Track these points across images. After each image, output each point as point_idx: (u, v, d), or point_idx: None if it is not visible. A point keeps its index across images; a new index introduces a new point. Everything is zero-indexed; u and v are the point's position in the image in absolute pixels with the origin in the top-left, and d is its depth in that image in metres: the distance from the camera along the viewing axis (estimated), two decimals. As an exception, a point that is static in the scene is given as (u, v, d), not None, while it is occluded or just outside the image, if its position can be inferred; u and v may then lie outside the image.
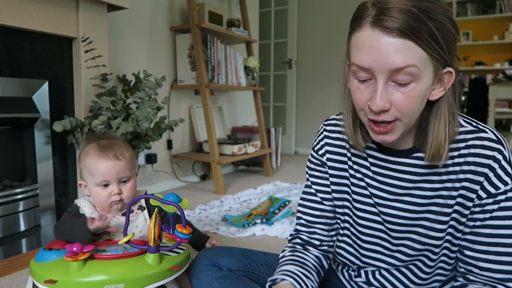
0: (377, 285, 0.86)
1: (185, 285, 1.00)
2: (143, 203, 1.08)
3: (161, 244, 0.90)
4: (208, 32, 2.85)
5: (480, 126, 0.73)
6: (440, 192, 0.74)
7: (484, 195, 0.70)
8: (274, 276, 0.83)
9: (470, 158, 0.71)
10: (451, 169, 0.73)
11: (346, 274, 0.93)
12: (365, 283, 0.88)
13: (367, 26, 0.64)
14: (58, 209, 1.95)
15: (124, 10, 2.29)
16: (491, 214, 0.70)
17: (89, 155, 1.02)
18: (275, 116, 5.00)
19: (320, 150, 0.89)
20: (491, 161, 0.69)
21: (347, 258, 0.90)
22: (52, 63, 1.88)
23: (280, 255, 0.93)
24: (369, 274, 0.87)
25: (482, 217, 0.71)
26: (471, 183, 0.71)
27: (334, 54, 4.49)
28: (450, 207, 0.74)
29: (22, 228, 1.79)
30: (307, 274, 0.84)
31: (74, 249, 0.86)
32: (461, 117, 0.75)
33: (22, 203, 1.79)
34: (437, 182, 0.75)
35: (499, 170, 0.69)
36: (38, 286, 0.88)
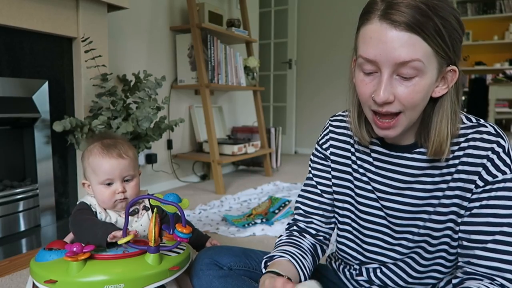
0: (378, 282, 0.86)
1: (185, 285, 1.00)
2: (147, 203, 1.08)
3: (161, 244, 0.90)
4: (208, 32, 2.85)
5: (481, 122, 0.74)
6: (440, 185, 0.76)
7: (481, 184, 0.71)
8: (271, 254, 0.85)
9: (469, 150, 0.72)
10: (451, 163, 0.74)
11: (347, 273, 0.93)
12: (366, 281, 0.88)
13: (376, 19, 0.66)
14: (58, 209, 1.95)
15: (124, 10, 2.29)
16: (487, 201, 0.70)
17: (93, 153, 1.03)
18: (275, 116, 5.00)
19: (324, 144, 0.91)
20: (489, 152, 0.70)
21: (350, 254, 0.90)
22: (52, 63, 1.88)
23: (276, 240, 0.94)
24: (370, 272, 0.87)
25: (478, 204, 0.71)
26: (469, 174, 0.72)
27: (334, 54, 4.50)
28: (450, 198, 0.75)
29: (22, 228, 1.79)
30: (304, 255, 0.86)
31: (74, 249, 0.85)
32: (462, 114, 0.76)
33: (22, 203, 1.79)
34: (437, 175, 0.76)
35: (497, 161, 0.70)
36: (38, 286, 0.88)
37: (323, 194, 0.91)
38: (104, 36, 2.02)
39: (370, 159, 0.84)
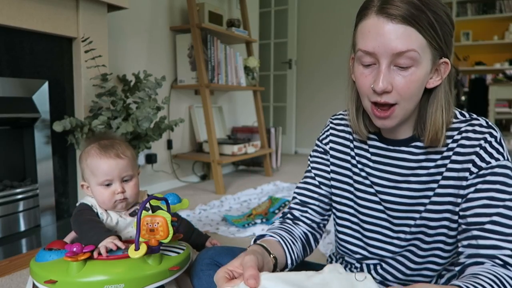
0: (379, 279, 0.87)
1: (185, 285, 1.00)
2: (147, 204, 1.08)
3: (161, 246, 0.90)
4: (208, 32, 2.85)
5: (473, 116, 0.78)
6: (435, 177, 0.78)
7: (475, 170, 0.74)
8: (262, 233, 0.86)
9: (462, 141, 0.76)
10: (445, 155, 0.77)
11: (348, 272, 0.93)
12: None
13: (373, 14, 0.70)
14: (58, 209, 1.96)
15: (124, 10, 2.29)
16: (482, 185, 0.73)
17: (90, 155, 1.02)
18: (275, 116, 5.00)
19: (325, 140, 0.94)
20: (482, 142, 0.74)
21: (352, 250, 0.91)
22: (52, 63, 1.88)
23: (269, 226, 0.96)
24: (371, 269, 0.88)
25: (473, 189, 0.73)
26: (463, 163, 0.75)
27: (334, 54, 4.50)
28: (445, 188, 0.77)
29: (22, 228, 1.79)
30: (294, 241, 0.87)
31: (74, 249, 0.85)
32: (457, 111, 0.80)
33: (22, 203, 1.79)
34: (432, 167, 0.79)
35: (490, 149, 0.73)
36: (38, 286, 0.88)
37: (321, 185, 0.93)
38: (104, 36, 2.02)
39: (368, 155, 0.86)
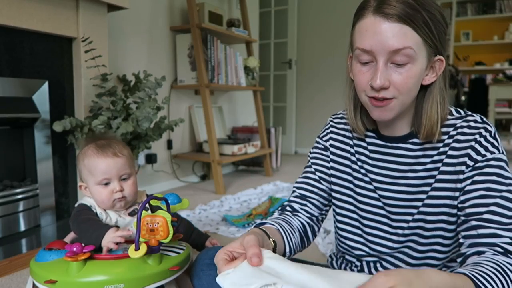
0: None
1: (185, 285, 1.00)
2: (147, 204, 1.08)
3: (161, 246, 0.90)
4: (208, 32, 2.85)
5: (468, 113, 0.81)
6: (432, 173, 0.80)
7: (471, 163, 0.76)
8: (261, 222, 0.87)
9: (458, 136, 0.78)
10: (441, 150, 0.80)
11: (349, 271, 0.93)
12: None
13: (370, 14, 0.73)
14: (58, 209, 1.96)
15: (124, 10, 2.29)
16: (478, 177, 0.74)
17: (87, 155, 1.03)
18: (275, 116, 5.00)
19: (325, 137, 0.96)
20: (476, 136, 0.76)
21: (353, 246, 0.91)
22: (52, 63, 1.88)
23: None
24: (372, 268, 0.88)
25: (470, 181, 0.75)
26: (459, 158, 0.77)
27: (334, 54, 4.50)
28: (442, 182, 0.79)
29: (22, 228, 1.79)
30: (292, 231, 0.88)
31: (74, 249, 0.85)
32: (453, 108, 0.82)
33: (22, 203, 1.79)
34: (429, 163, 0.81)
35: (485, 143, 0.75)
36: (38, 286, 0.88)
37: (320, 180, 0.94)
38: (104, 36, 2.02)
39: (367, 152, 0.88)
